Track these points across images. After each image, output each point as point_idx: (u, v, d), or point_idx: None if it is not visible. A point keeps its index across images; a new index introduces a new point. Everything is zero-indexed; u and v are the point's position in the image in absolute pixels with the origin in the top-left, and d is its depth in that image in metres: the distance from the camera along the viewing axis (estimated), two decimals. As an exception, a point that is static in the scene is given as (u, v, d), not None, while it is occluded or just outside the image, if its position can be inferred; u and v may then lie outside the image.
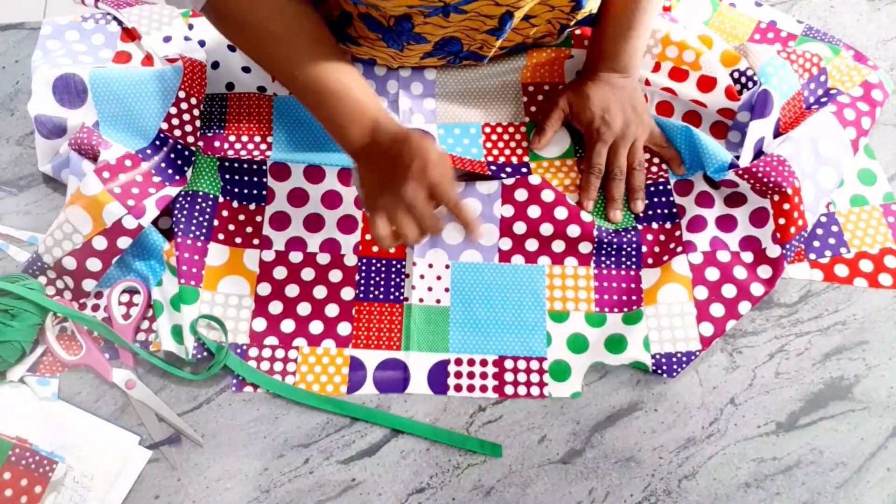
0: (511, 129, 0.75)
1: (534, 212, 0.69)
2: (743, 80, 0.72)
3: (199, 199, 0.67)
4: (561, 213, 0.68)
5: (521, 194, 0.69)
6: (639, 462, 0.61)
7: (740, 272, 0.67)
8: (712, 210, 0.70)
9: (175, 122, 0.68)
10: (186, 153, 0.68)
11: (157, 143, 0.68)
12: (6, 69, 0.77)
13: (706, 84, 0.72)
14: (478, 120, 0.75)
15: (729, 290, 0.66)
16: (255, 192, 0.70)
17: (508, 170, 0.72)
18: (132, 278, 0.66)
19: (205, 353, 0.62)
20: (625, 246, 0.68)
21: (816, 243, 0.70)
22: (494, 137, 0.74)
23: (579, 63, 0.76)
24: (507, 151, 0.74)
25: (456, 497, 0.60)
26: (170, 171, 0.67)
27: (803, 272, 0.69)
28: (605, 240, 0.68)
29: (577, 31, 0.78)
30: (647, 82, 0.75)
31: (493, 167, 0.72)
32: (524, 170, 0.72)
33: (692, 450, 0.62)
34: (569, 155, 0.74)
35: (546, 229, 0.68)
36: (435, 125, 0.74)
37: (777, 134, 0.72)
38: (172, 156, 0.68)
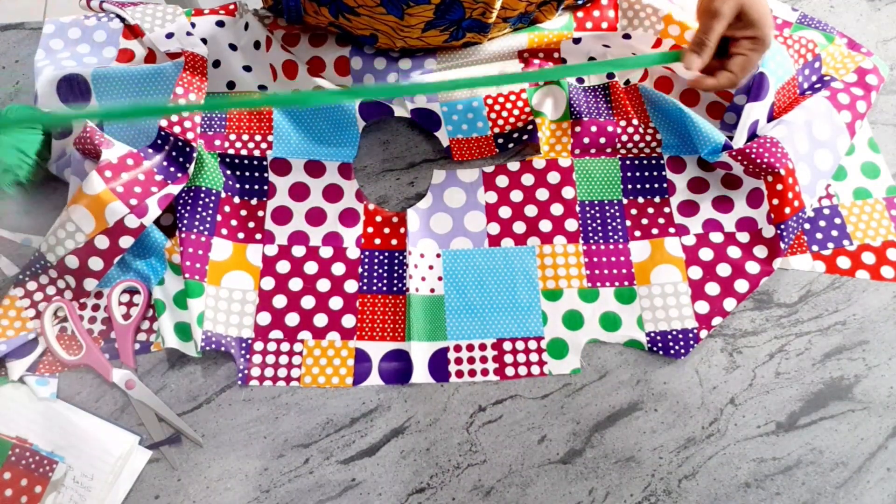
0: (512, 97, 0.75)
1: (516, 196, 0.71)
2: None
3: (202, 195, 0.68)
4: (542, 194, 0.71)
5: (501, 181, 0.72)
6: (639, 462, 0.61)
7: (734, 251, 0.68)
8: (706, 194, 0.71)
9: (175, 118, 0.68)
10: (188, 150, 0.68)
11: (159, 141, 0.68)
12: (6, 69, 0.77)
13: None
14: (479, 94, 0.75)
15: (723, 269, 0.67)
16: (256, 187, 0.70)
17: (515, 135, 0.73)
18: (132, 278, 0.66)
19: (213, 347, 0.62)
20: (609, 220, 0.70)
21: (819, 235, 0.70)
22: (497, 108, 0.75)
23: (579, 46, 0.76)
24: (512, 119, 0.74)
25: (456, 497, 0.60)
26: (171, 169, 0.67)
27: (805, 263, 0.69)
28: (589, 215, 0.70)
29: (580, 14, 0.78)
30: (645, 73, 0.75)
31: (500, 139, 0.73)
32: (530, 127, 0.73)
33: (692, 450, 0.62)
34: (565, 118, 0.74)
35: (531, 210, 0.70)
36: (438, 104, 0.74)
37: (771, 118, 0.72)
38: (174, 153, 0.68)
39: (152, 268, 0.66)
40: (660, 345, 0.65)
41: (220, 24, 0.75)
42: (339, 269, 0.68)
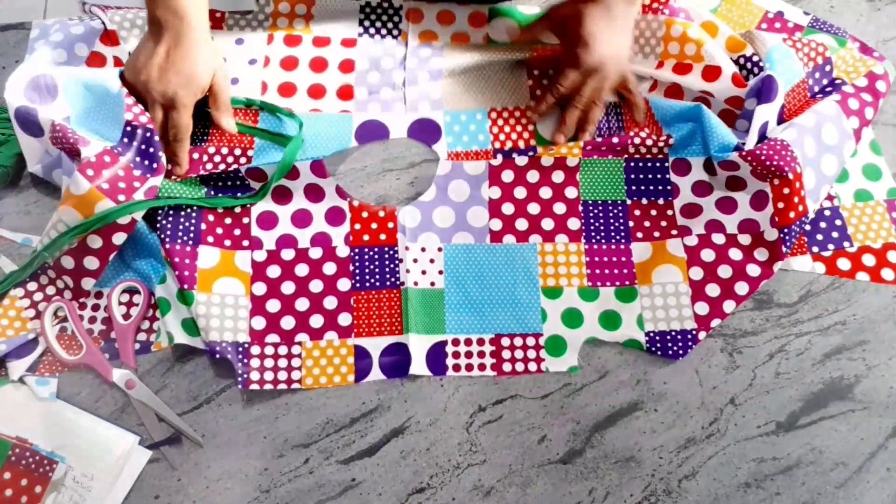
0: (517, 114, 0.75)
1: (520, 192, 0.71)
2: (749, 66, 0.72)
3: (183, 206, 0.67)
4: (546, 192, 0.71)
5: (507, 175, 0.71)
6: (639, 462, 0.61)
7: (736, 253, 0.68)
8: (710, 197, 0.70)
9: (137, 109, 0.67)
10: (156, 138, 0.66)
11: (126, 139, 0.66)
12: (6, 69, 0.77)
13: (711, 74, 0.72)
14: (483, 105, 0.75)
15: (724, 271, 0.67)
16: (238, 194, 0.70)
17: (515, 155, 0.72)
18: (132, 278, 0.66)
19: (209, 355, 0.62)
20: (612, 220, 0.70)
21: (819, 236, 0.70)
22: (501, 122, 0.75)
23: None
24: (514, 136, 0.74)
25: (456, 497, 0.60)
26: (146, 162, 0.66)
27: (806, 265, 0.69)
28: (592, 214, 0.70)
29: None
30: (654, 84, 0.75)
31: (499, 155, 0.73)
32: (531, 153, 0.72)
33: (692, 450, 0.62)
34: (572, 139, 0.74)
35: (533, 208, 0.70)
36: (441, 112, 0.74)
37: (781, 121, 0.72)
38: (143, 146, 0.66)
39: (153, 267, 0.66)
40: (658, 345, 0.65)
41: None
42: (330, 268, 0.68)
